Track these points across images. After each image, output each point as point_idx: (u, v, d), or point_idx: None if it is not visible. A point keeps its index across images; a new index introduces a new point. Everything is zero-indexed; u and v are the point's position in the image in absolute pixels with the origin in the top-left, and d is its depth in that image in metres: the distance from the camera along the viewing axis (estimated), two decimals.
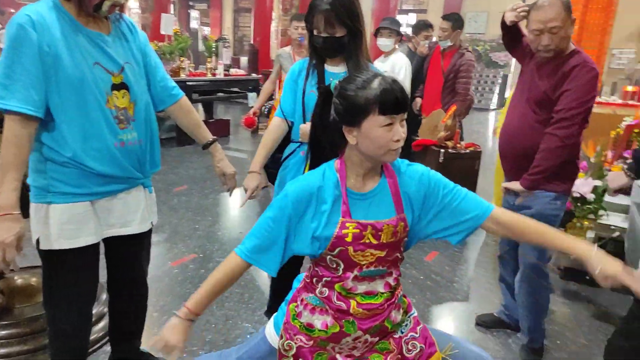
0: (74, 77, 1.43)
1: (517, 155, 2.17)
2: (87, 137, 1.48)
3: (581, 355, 2.46)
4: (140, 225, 1.69)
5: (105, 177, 1.54)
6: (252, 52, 10.12)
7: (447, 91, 4.31)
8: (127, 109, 1.56)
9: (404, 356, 1.39)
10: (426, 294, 2.99)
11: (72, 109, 1.45)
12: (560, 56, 2.06)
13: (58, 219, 1.50)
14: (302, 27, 4.35)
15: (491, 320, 2.65)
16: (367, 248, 1.28)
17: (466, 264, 3.52)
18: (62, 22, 1.43)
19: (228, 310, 2.68)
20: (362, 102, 1.21)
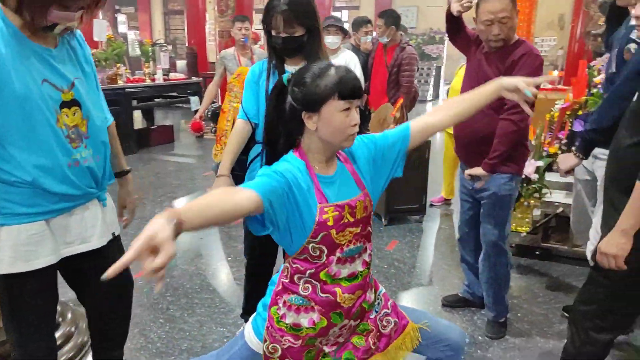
0: (21, 95, 1.33)
1: (474, 141, 2.29)
2: (38, 157, 1.39)
3: (540, 324, 2.64)
4: (100, 239, 1.61)
5: (58, 195, 1.45)
6: (190, 55, 9.91)
7: (391, 85, 4.44)
8: (79, 126, 1.48)
9: (382, 333, 1.48)
10: (392, 281, 3.10)
11: (19, 129, 1.36)
12: (507, 45, 2.20)
13: (13, 242, 1.41)
14: (246, 28, 4.35)
15: (456, 300, 2.79)
16: (346, 227, 1.33)
17: (425, 249, 3.66)
18: (6, 35, 1.32)
19: (200, 317, 2.66)
20: (322, 88, 1.27)
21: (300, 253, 1.32)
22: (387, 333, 1.48)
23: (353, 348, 1.44)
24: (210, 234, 3.91)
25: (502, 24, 2.12)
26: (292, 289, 1.37)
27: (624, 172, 1.60)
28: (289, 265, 1.37)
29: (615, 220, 1.58)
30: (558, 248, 3.33)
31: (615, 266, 1.55)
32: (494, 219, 2.36)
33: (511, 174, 2.30)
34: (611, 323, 1.72)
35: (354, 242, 1.35)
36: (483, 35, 2.21)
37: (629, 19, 2.38)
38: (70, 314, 2.38)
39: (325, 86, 1.27)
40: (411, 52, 4.37)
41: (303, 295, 1.36)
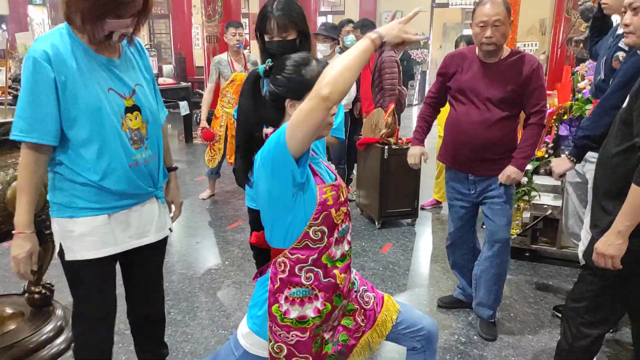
0: (92, 105, 1.49)
1: (478, 147, 2.39)
2: (105, 160, 1.54)
3: (532, 323, 2.73)
4: (156, 234, 1.75)
5: (120, 194, 1.60)
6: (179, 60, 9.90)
7: (376, 89, 4.51)
8: (140, 129, 1.63)
9: (365, 309, 1.56)
10: (388, 283, 3.17)
11: (90, 134, 1.51)
12: (510, 58, 2.33)
13: (79, 231, 1.57)
14: (240, 34, 4.40)
15: (451, 301, 2.87)
16: (340, 206, 1.40)
17: (419, 252, 3.75)
18: (76, 51, 1.49)
19: (202, 320, 2.70)
20: (308, 77, 1.34)
21: (299, 241, 1.35)
22: (371, 308, 1.56)
23: (345, 329, 1.51)
24: (207, 237, 3.94)
25: (494, 27, 2.23)
26: (293, 282, 1.38)
27: (612, 178, 1.69)
28: (285, 259, 1.37)
29: (604, 221, 1.68)
30: (547, 249, 3.43)
31: (612, 266, 1.64)
32: (506, 217, 2.48)
33: None
34: (601, 318, 1.82)
35: (345, 221, 1.43)
36: (477, 38, 2.32)
37: (615, 28, 2.50)
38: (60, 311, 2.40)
39: (310, 75, 1.34)
40: (389, 55, 4.40)
41: (306, 285, 1.38)
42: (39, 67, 1.43)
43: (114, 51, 1.59)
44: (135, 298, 1.89)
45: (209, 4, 7.80)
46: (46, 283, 2.38)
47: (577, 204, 2.77)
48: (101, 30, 1.47)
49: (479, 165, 2.42)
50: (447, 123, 2.59)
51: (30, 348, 2.16)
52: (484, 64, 2.38)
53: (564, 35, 8.37)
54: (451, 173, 2.62)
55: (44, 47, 1.44)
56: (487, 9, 2.25)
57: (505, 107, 2.34)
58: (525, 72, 2.30)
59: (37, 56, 1.43)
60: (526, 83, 2.30)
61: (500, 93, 2.33)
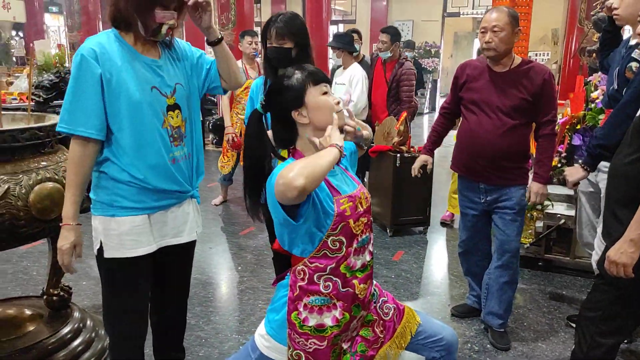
0: (136, 101, 1.56)
1: (490, 156, 2.40)
2: (146, 156, 1.61)
3: (545, 333, 2.72)
4: (189, 234, 1.82)
5: (161, 193, 1.67)
6: None
7: (392, 99, 4.54)
8: (180, 127, 1.69)
9: (384, 320, 1.57)
10: (400, 291, 3.17)
11: (134, 131, 1.58)
12: (521, 67, 2.36)
13: (119, 230, 1.63)
14: (256, 42, 4.46)
15: (466, 310, 2.87)
16: (359, 217, 1.43)
17: (431, 260, 3.75)
18: (121, 51, 1.57)
19: (216, 324, 2.72)
20: (297, 82, 1.43)
21: (319, 250, 1.38)
22: (390, 319, 1.57)
23: (363, 340, 1.52)
24: (220, 243, 3.98)
25: (493, 32, 2.29)
26: (312, 290, 1.40)
27: (625, 187, 1.70)
28: (305, 267, 1.40)
29: (617, 230, 1.68)
30: (560, 259, 3.42)
31: (624, 274, 1.64)
32: (517, 227, 2.49)
33: (525, 186, 2.47)
34: (615, 328, 1.81)
35: (365, 231, 1.45)
36: (480, 42, 2.39)
37: (627, 39, 2.51)
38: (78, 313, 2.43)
39: (297, 80, 1.43)
40: (409, 67, 4.49)
41: (325, 293, 1.40)
42: (86, 63, 1.51)
43: (156, 53, 1.67)
44: (162, 298, 1.93)
45: (223, 12, 7.91)
46: (64, 285, 2.42)
47: (591, 214, 2.77)
48: (152, 22, 1.55)
49: (491, 174, 2.43)
50: (459, 132, 2.61)
51: (48, 350, 2.19)
52: (495, 73, 2.41)
53: (577, 45, 8.35)
54: (464, 181, 2.64)
55: (92, 45, 1.53)
56: (488, 15, 2.33)
57: (517, 116, 2.36)
58: (537, 81, 2.33)
59: (85, 53, 1.51)
60: (538, 92, 2.33)
61: (511, 102, 2.35)
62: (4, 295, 2.83)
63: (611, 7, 2.52)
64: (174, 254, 1.82)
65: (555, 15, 10.79)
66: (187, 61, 1.76)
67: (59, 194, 1.93)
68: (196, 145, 1.79)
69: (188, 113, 1.73)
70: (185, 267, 1.95)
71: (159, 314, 1.96)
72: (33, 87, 2.35)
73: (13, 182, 1.84)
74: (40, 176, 1.91)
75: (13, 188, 1.83)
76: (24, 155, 1.94)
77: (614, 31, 2.67)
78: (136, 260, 1.67)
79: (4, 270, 3.34)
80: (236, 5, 7.85)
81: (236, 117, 4.62)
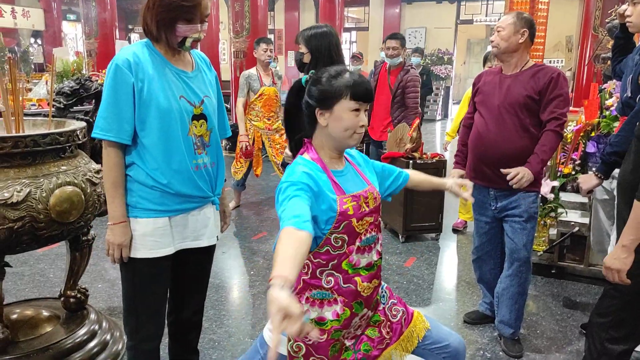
0: (164, 108, 1.64)
1: (496, 158, 2.41)
2: (171, 161, 1.68)
3: (558, 341, 2.70)
4: (209, 238, 1.87)
5: (183, 197, 1.73)
6: None
7: (396, 106, 4.54)
8: (204, 136, 1.76)
9: (392, 322, 1.58)
10: (412, 297, 3.17)
11: (159, 137, 1.65)
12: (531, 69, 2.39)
13: (142, 231, 1.70)
14: (271, 50, 4.51)
15: (478, 317, 2.86)
16: (364, 216, 1.44)
17: (443, 266, 3.75)
18: (153, 60, 1.66)
19: (229, 328, 2.75)
20: (337, 87, 1.41)
21: (321, 246, 1.40)
22: (398, 321, 1.58)
23: (368, 339, 1.53)
24: (232, 247, 4.01)
25: (497, 32, 2.41)
26: (314, 284, 1.44)
27: (630, 194, 1.70)
28: (309, 261, 1.43)
29: None
30: (574, 267, 3.40)
31: (619, 280, 1.64)
32: (526, 236, 2.46)
33: (536, 193, 2.44)
34: (625, 334, 1.81)
35: (370, 231, 1.46)
36: None
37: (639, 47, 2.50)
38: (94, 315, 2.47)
39: (339, 86, 1.41)
40: (414, 74, 4.49)
41: (326, 288, 1.43)
42: (120, 72, 1.60)
43: (188, 64, 1.76)
44: (180, 300, 1.98)
45: (237, 20, 7.99)
46: (81, 288, 2.46)
47: (605, 221, 2.75)
48: (174, 37, 1.64)
49: (500, 177, 2.40)
50: (470, 137, 2.62)
51: (64, 350, 2.23)
52: (504, 76, 2.45)
53: (591, 52, 8.30)
54: (475, 188, 2.61)
55: (126, 55, 1.62)
56: (499, 20, 2.47)
57: (523, 116, 2.36)
58: (544, 80, 2.33)
59: (119, 63, 1.60)
60: (544, 90, 2.33)
61: (516, 100, 2.36)
62: (22, 297, 2.89)
63: (624, 14, 2.52)
64: (194, 257, 1.87)
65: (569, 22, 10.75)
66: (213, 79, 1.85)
67: (78, 197, 1.98)
68: (220, 156, 1.85)
69: (214, 124, 1.80)
70: (203, 270, 1.99)
71: (175, 315, 2.00)
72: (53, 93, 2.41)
73: (34, 185, 1.89)
74: (60, 180, 1.96)
75: (34, 191, 1.88)
76: (45, 160, 1.99)
77: (627, 38, 2.67)
78: (157, 261, 1.73)
79: (22, 273, 3.40)
80: (250, 13, 7.93)
81: (249, 123, 4.66)
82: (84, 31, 10.65)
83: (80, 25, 12.85)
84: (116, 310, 2.91)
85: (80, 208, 2.01)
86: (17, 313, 2.42)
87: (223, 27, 12.54)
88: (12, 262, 2.28)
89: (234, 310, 2.94)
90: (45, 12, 13.60)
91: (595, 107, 3.86)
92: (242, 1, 7.87)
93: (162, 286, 1.82)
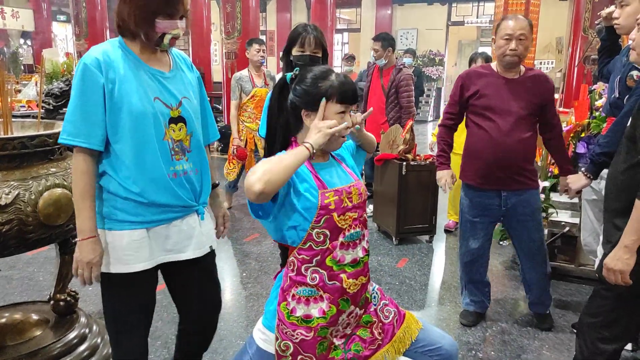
0: (137, 111, 1.52)
1: (512, 161, 2.48)
2: (145, 169, 1.56)
3: (549, 341, 2.71)
4: (194, 250, 1.72)
5: (161, 207, 1.60)
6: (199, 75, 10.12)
7: (390, 106, 4.56)
8: (183, 140, 1.64)
9: (384, 323, 1.57)
10: (404, 298, 3.17)
11: (132, 142, 1.53)
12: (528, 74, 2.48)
13: (116, 245, 1.58)
14: (263, 50, 4.51)
15: (474, 317, 2.87)
16: (346, 211, 1.43)
17: (435, 268, 3.75)
18: (126, 60, 1.54)
19: (220, 331, 2.72)
20: (323, 90, 1.40)
21: (304, 242, 1.40)
22: (390, 322, 1.57)
23: (360, 340, 1.53)
24: (224, 250, 3.99)
25: (519, 40, 2.37)
26: (300, 281, 1.43)
27: (621, 195, 1.72)
28: (294, 258, 1.43)
29: (616, 237, 1.69)
30: (565, 267, 3.42)
31: (622, 281, 1.65)
32: (540, 230, 2.65)
33: (537, 189, 2.62)
34: (617, 334, 1.82)
35: (354, 226, 1.46)
36: (500, 50, 2.42)
37: (628, 47, 2.52)
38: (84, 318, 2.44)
39: (325, 88, 1.40)
40: (407, 73, 4.51)
41: (311, 285, 1.43)
42: (89, 73, 1.48)
43: (165, 64, 1.64)
44: (180, 311, 1.89)
45: (229, 21, 7.97)
46: (71, 291, 2.44)
47: (595, 221, 2.77)
48: (153, 32, 1.54)
49: (512, 179, 2.50)
50: (472, 142, 2.59)
51: (54, 355, 2.20)
52: (507, 80, 2.47)
53: (581, 54, 8.36)
54: (478, 192, 2.62)
55: (96, 54, 1.51)
56: (512, 23, 2.39)
57: (531, 121, 2.48)
58: (547, 86, 2.49)
59: (88, 63, 1.49)
60: (547, 97, 2.47)
61: (529, 106, 2.45)
62: (11, 301, 2.85)
63: (608, 17, 2.54)
64: (182, 269, 1.74)
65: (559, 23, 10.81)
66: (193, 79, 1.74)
67: (67, 200, 1.95)
68: (204, 162, 1.73)
69: (195, 128, 1.68)
70: (197, 282, 1.83)
71: (181, 324, 1.92)
72: (42, 94, 2.38)
73: (22, 188, 1.87)
74: (49, 182, 1.94)
75: (22, 194, 1.86)
76: (33, 162, 1.97)
77: (612, 40, 2.70)
78: (133, 276, 1.60)
79: (10, 276, 3.36)
80: (242, 14, 7.91)
81: (242, 124, 4.65)
82: (74, 32, 10.58)
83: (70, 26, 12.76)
84: None
85: (69, 211, 1.98)
86: (6, 317, 2.39)
87: (215, 28, 12.50)
88: (1, 266, 2.25)
89: (225, 313, 2.92)
90: (35, 12, 13.51)
91: (585, 108, 3.89)
92: (234, 2, 7.86)
93: (141, 301, 1.70)
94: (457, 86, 2.62)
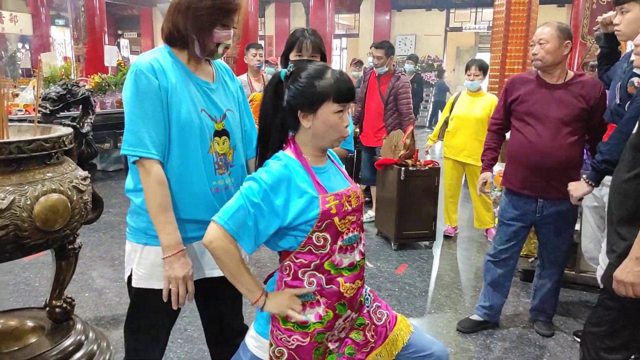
0: (184, 122, 1.48)
1: (557, 167, 2.46)
2: (188, 183, 1.51)
3: (551, 348, 2.69)
4: None
5: (199, 223, 1.52)
6: None
7: (389, 113, 4.54)
8: (227, 154, 1.59)
9: (376, 325, 1.55)
10: (404, 305, 3.15)
11: (178, 155, 1.49)
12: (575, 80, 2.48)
13: (152, 261, 1.54)
14: (260, 55, 4.51)
15: (472, 325, 2.84)
16: (346, 215, 1.41)
17: (435, 274, 3.73)
18: (176, 69, 1.50)
19: None
20: (319, 90, 1.36)
21: (303, 246, 1.38)
22: (383, 324, 1.55)
23: (353, 343, 1.50)
24: None
25: (539, 45, 2.41)
26: (296, 286, 1.40)
27: (625, 203, 1.69)
28: (291, 262, 1.40)
29: (620, 246, 1.67)
30: (566, 273, 3.38)
31: (633, 294, 1.62)
32: (570, 238, 2.71)
33: None
34: (621, 343, 1.79)
35: (352, 230, 1.43)
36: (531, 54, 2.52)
37: (629, 54, 2.51)
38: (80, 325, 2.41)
39: (322, 88, 1.36)
40: (405, 80, 4.52)
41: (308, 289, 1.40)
42: (145, 78, 1.43)
43: (209, 74, 1.60)
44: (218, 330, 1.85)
45: None
46: (67, 297, 2.41)
47: (596, 228, 2.76)
48: (211, 42, 1.50)
49: (551, 186, 2.48)
50: (512, 146, 2.61)
51: None
52: (549, 85, 2.47)
53: (580, 60, 8.39)
54: (516, 195, 2.62)
55: (148, 59, 1.47)
56: (538, 31, 2.46)
57: (575, 127, 2.45)
58: (596, 92, 2.44)
59: (142, 68, 1.44)
60: (597, 103, 2.44)
61: (572, 112, 2.43)
62: (6, 307, 2.82)
63: (606, 23, 2.53)
64: (218, 288, 1.67)
65: None
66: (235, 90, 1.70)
67: (63, 205, 1.93)
68: (244, 176, 1.63)
69: (237, 141, 1.63)
70: (229, 302, 1.78)
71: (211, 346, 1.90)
72: (40, 98, 2.36)
73: (18, 193, 1.84)
74: (45, 187, 1.91)
75: (18, 199, 1.83)
76: (30, 167, 1.94)
77: (611, 47, 2.69)
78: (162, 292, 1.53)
79: (6, 282, 3.33)
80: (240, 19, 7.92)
81: None
82: (72, 36, 10.58)
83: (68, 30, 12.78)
84: (103, 320, 2.86)
85: (66, 216, 1.96)
86: (1, 323, 2.35)
87: None
88: None
89: None
90: (34, 17, 13.49)
91: None
92: None
93: (171, 318, 1.67)
94: (502, 92, 2.68)
